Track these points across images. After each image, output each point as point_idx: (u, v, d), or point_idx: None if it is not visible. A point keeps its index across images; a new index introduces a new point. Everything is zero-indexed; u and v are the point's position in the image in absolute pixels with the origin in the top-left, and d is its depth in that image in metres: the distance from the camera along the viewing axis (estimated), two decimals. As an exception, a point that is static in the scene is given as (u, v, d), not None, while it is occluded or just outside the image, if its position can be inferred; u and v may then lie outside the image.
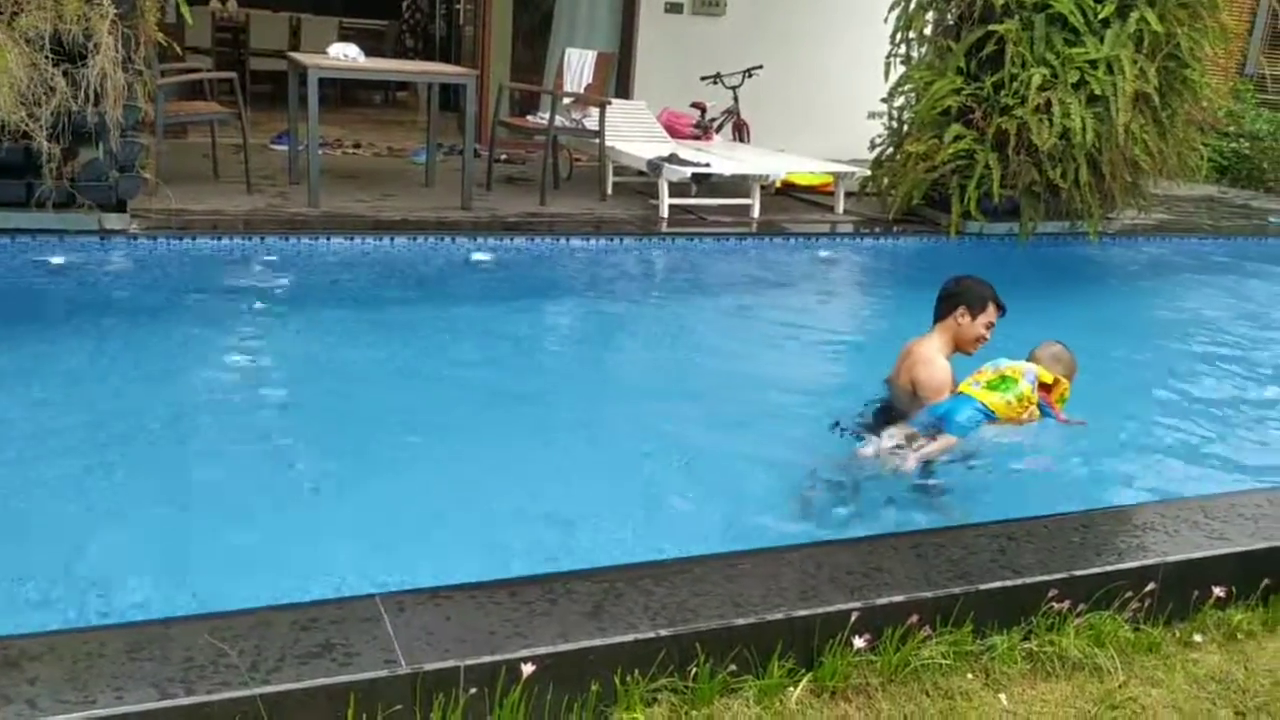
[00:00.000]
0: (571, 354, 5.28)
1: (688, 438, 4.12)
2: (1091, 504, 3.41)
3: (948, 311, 4.09)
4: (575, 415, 4.28)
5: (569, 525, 3.26)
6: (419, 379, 4.51)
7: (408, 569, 2.80)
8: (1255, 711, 2.60)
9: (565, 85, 8.13)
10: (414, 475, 3.55)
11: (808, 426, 4.40)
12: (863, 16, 8.41)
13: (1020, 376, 3.92)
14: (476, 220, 6.77)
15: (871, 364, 5.78)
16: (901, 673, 2.51)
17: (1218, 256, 8.40)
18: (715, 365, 5.15)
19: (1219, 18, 7.29)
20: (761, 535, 3.15)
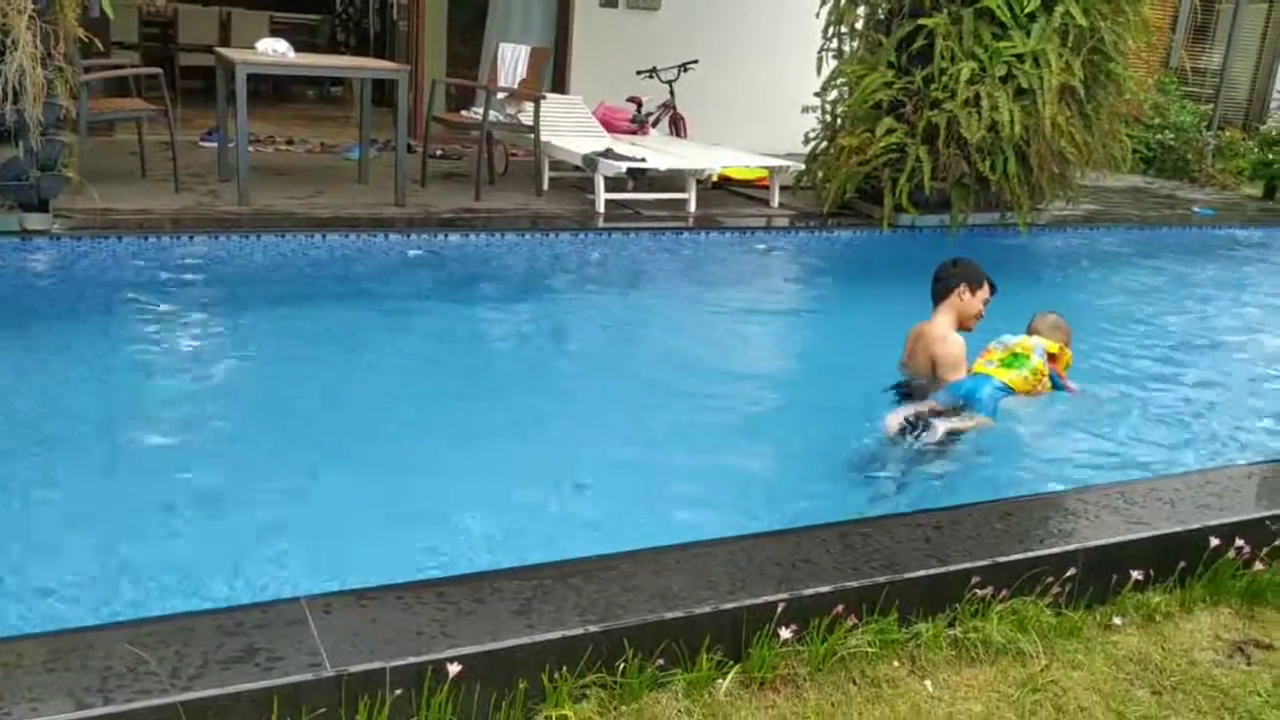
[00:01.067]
0: (508, 351, 5.25)
1: (626, 431, 4.14)
2: (1019, 490, 3.49)
3: (948, 291, 4.35)
4: (511, 412, 4.27)
5: (504, 522, 3.26)
6: (350, 378, 4.47)
7: (338, 570, 2.78)
8: (1171, 690, 2.67)
9: (499, 80, 8.10)
10: (345, 475, 3.52)
11: (743, 415, 4.45)
12: (796, 11, 8.47)
13: (1030, 352, 4.19)
14: (410, 217, 6.71)
15: (808, 353, 5.88)
16: (829, 662, 2.54)
17: (1144, 246, 8.59)
18: (652, 359, 5.18)
19: (1141, 12, 7.46)
20: (717, 526, 3.15)
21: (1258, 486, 3.44)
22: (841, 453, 4.02)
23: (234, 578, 2.77)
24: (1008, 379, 4.09)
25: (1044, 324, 4.47)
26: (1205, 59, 14.31)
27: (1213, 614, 3.03)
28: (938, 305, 4.41)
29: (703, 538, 2.82)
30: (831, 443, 4.35)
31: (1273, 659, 2.85)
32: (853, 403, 4.80)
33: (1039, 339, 4.30)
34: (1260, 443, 4.47)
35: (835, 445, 4.29)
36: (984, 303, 4.35)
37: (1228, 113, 14.33)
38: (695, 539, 2.79)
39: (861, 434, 4.08)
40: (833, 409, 4.80)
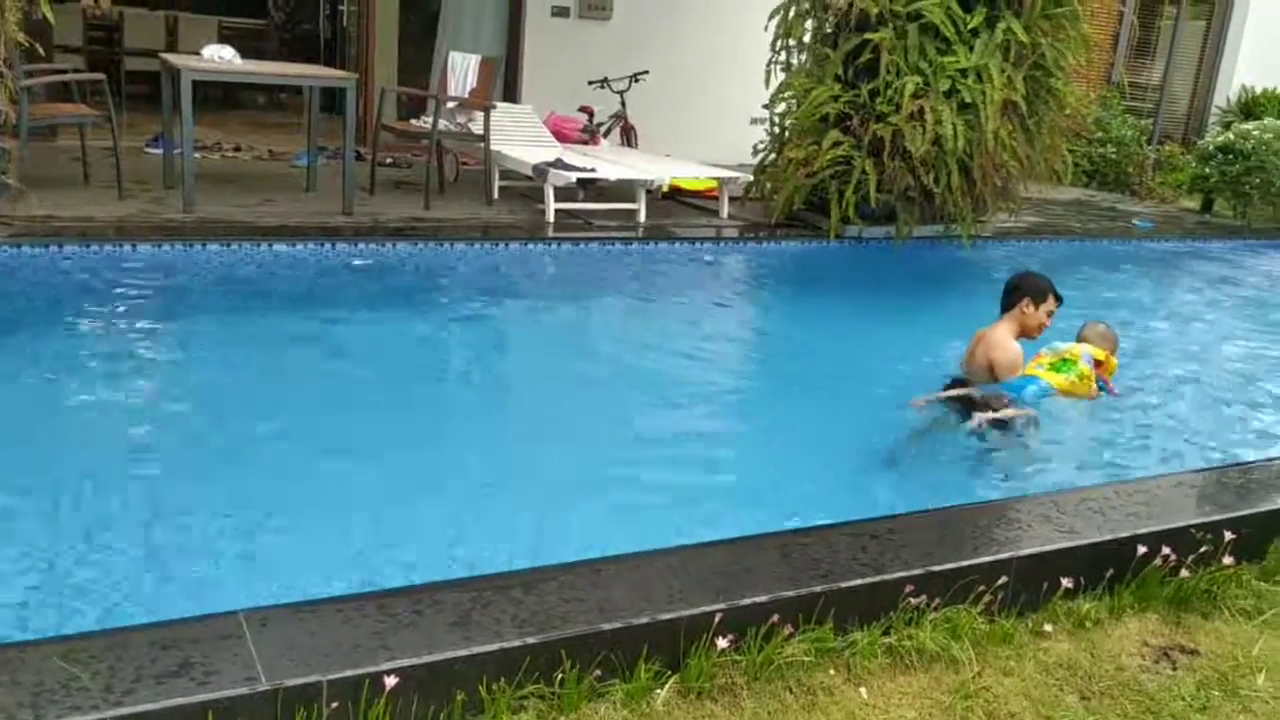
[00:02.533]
0: (455, 360, 5.26)
1: (572, 439, 4.16)
2: (962, 498, 3.56)
3: (1014, 302, 4.72)
4: (457, 421, 4.28)
5: (452, 533, 3.26)
6: (295, 388, 4.45)
7: (278, 583, 2.78)
8: (1099, 695, 2.74)
9: (450, 89, 8.09)
10: (286, 485, 3.50)
11: (692, 424, 4.49)
12: (747, 23, 8.54)
13: (1078, 358, 4.60)
14: (358, 225, 6.69)
15: (758, 363, 5.94)
16: (766, 671, 2.58)
17: (1085, 257, 8.76)
18: (600, 368, 5.20)
19: (1081, 29, 7.60)
20: (667, 534, 3.17)
21: (1184, 495, 3.53)
22: (795, 456, 4.09)
23: (169, 591, 2.74)
24: (1054, 381, 4.50)
25: (1093, 333, 4.86)
26: (1146, 75, 14.62)
27: (1141, 620, 3.11)
28: (1003, 314, 4.78)
29: (646, 548, 2.85)
30: (780, 448, 4.42)
31: (1197, 664, 2.93)
32: (799, 410, 4.88)
33: (1087, 346, 4.69)
34: (1186, 450, 4.57)
35: (783, 451, 4.37)
36: (1048, 314, 4.70)
37: (1168, 127, 14.66)
38: (636, 550, 2.82)
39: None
40: (778, 417, 4.86)
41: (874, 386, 5.20)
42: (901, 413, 4.48)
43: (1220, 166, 10.75)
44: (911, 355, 5.74)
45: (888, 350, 5.82)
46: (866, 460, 4.23)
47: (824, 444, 4.41)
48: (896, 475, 4.08)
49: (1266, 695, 2.81)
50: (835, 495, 3.82)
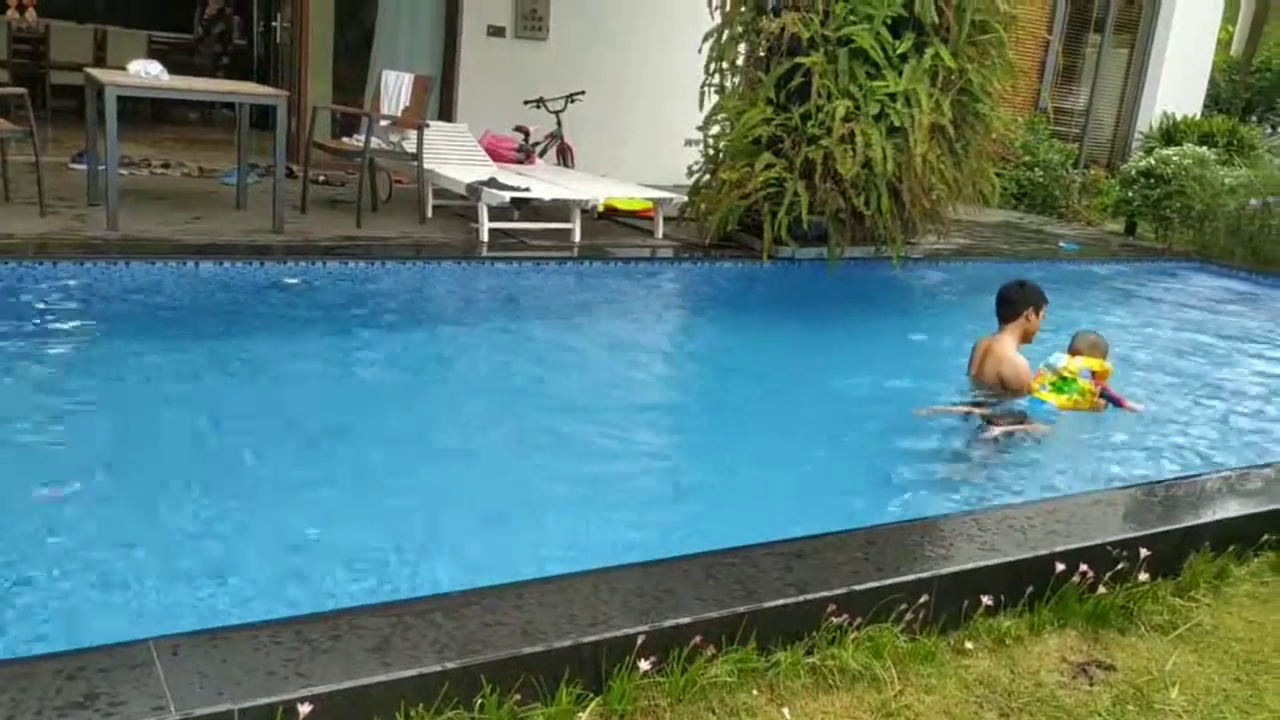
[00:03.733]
0: (383, 381, 5.19)
1: (500, 462, 4.14)
2: (878, 515, 3.60)
3: (1018, 312, 5.01)
4: (384, 443, 4.23)
5: (371, 560, 3.22)
6: (220, 410, 4.38)
7: (194, 611, 2.72)
8: (1018, 712, 2.78)
9: (383, 107, 8.05)
10: (206, 510, 3.44)
11: (622, 445, 4.49)
12: (682, 45, 8.60)
13: (1076, 375, 4.84)
14: (289, 244, 6.61)
15: (690, 383, 5.96)
16: (689, 692, 2.58)
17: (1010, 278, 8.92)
18: (532, 388, 5.18)
19: (1006, 55, 7.78)
20: (604, 556, 3.17)
21: (1102, 513, 3.60)
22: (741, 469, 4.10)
23: (77, 622, 2.67)
24: (1057, 401, 4.80)
25: (1084, 344, 5.11)
26: (1072, 100, 14.99)
27: (1060, 636, 3.16)
28: (1005, 325, 5.06)
29: (571, 570, 2.84)
30: (709, 468, 4.44)
31: (1113, 679, 2.99)
32: (729, 430, 4.91)
33: (1082, 360, 4.91)
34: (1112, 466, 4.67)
35: (712, 470, 4.39)
36: (1041, 320, 5.06)
37: (1094, 152, 15.03)
38: (561, 572, 2.81)
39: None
40: (708, 436, 4.89)
41: (805, 406, 5.26)
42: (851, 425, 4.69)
43: (1142, 191, 11.05)
44: (843, 374, 5.82)
45: (820, 369, 5.88)
46: (795, 478, 4.26)
47: (754, 462, 4.44)
48: (825, 492, 4.11)
49: (1179, 709, 2.87)
50: (763, 514, 3.84)
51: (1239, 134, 13.06)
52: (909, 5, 7.08)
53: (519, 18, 10.32)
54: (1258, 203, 10.15)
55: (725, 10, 7.99)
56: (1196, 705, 2.89)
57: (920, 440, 4.79)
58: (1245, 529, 3.73)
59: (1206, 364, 6.66)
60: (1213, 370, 6.54)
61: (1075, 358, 4.96)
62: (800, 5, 7.37)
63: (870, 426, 5.00)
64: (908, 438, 4.85)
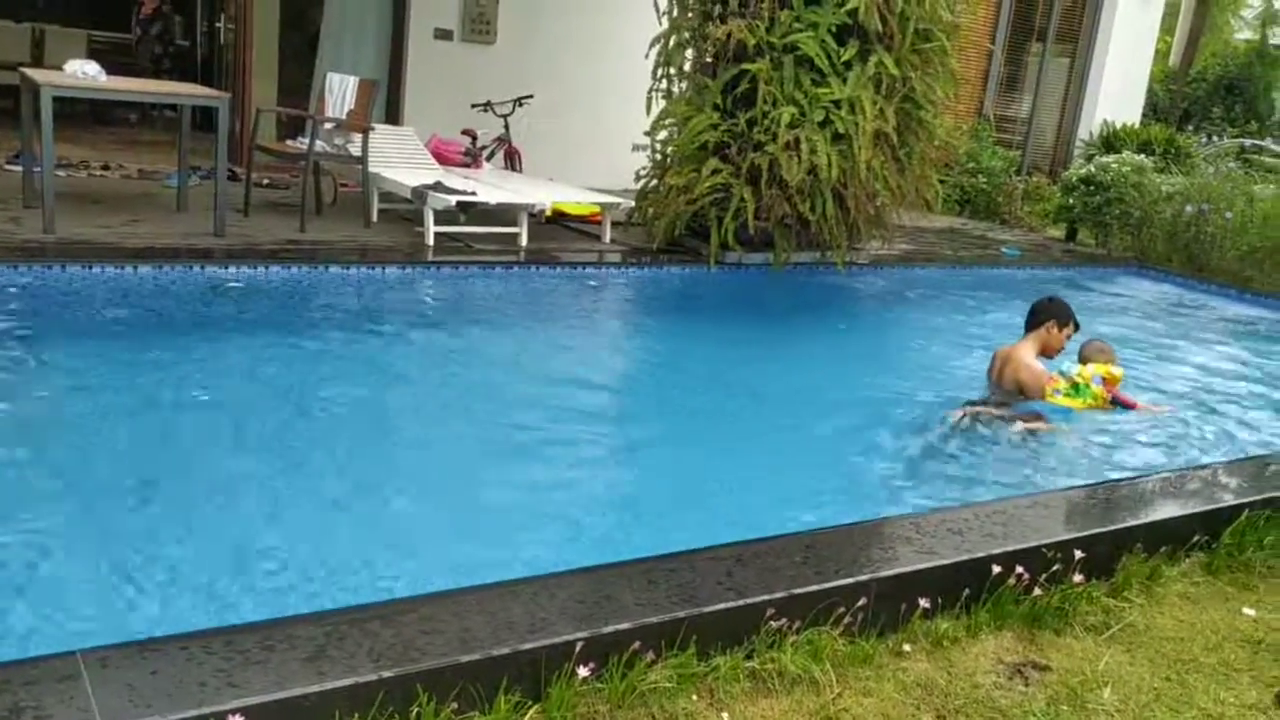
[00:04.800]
0: (325, 387, 5.14)
1: (448, 469, 4.12)
2: (817, 520, 3.62)
3: (1040, 323, 5.32)
4: (327, 450, 4.19)
5: (306, 568, 3.18)
6: (156, 417, 4.30)
7: (125, 620, 2.68)
8: (954, 714, 2.81)
9: (327, 110, 7.97)
10: (139, 519, 3.38)
11: (569, 450, 4.48)
12: (629, 49, 8.62)
13: (1089, 380, 5.13)
14: (230, 248, 6.52)
15: (637, 387, 5.96)
16: (628, 698, 2.58)
17: (954, 284, 9.05)
18: (476, 394, 5.16)
19: (949, 64, 7.87)
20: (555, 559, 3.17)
21: (1039, 516, 3.65)
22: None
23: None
24: (1072, 405, 5.10)
25: (1093, 351, 5.43)
26: (1015, 108, 15.22)
27: (996, 638, 3.20)
28: (1027, 333, 5.37)
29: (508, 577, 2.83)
30: (656, 472, 4.45)
31: (1048, 679, 3.03)
32: (678, 434, 4.92)
33: (1094, 367, 5.21)
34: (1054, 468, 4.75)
35: (657, 475, 4.40)
36: (1066, 338, 5.34)
37: (1036, 159, 15.27)
38: (500, 579, 2.79)
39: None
40: (655, 440, 4.89)
41: (751, 410, 5.28)
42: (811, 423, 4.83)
43: (1082, 197, 11.24)
44: (787, 378, 5.86)
45: (764, 374, 5.91)
46: (743, 482, 4.28)
47: (697, 466, 4.46)
48: (765, 495, 4.13)
49: (1111, 708, 2.92)
50: (708, 516, 3.86)
51: (1176, 142, 13.35)
52: (853, 13, 7.14)
53: (466, 21, 10.29)
54: (1193, 209, 10.37)
55: (672, 16, 8.02)
56: (1128, 704, 2.94)
57: (868, 439, 4.88)
58: (1177, 530, 3.80)
59: (1144, 365, 6.78)
60: (1148, 371, 6.66)
61: (1087, 365, 5.24)
62: (747, 12, 7.41)
63: (820, 426, 5.06)
64: (855, 437, 4.93)
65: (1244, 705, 3.01)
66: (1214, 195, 10.36)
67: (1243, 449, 5.18)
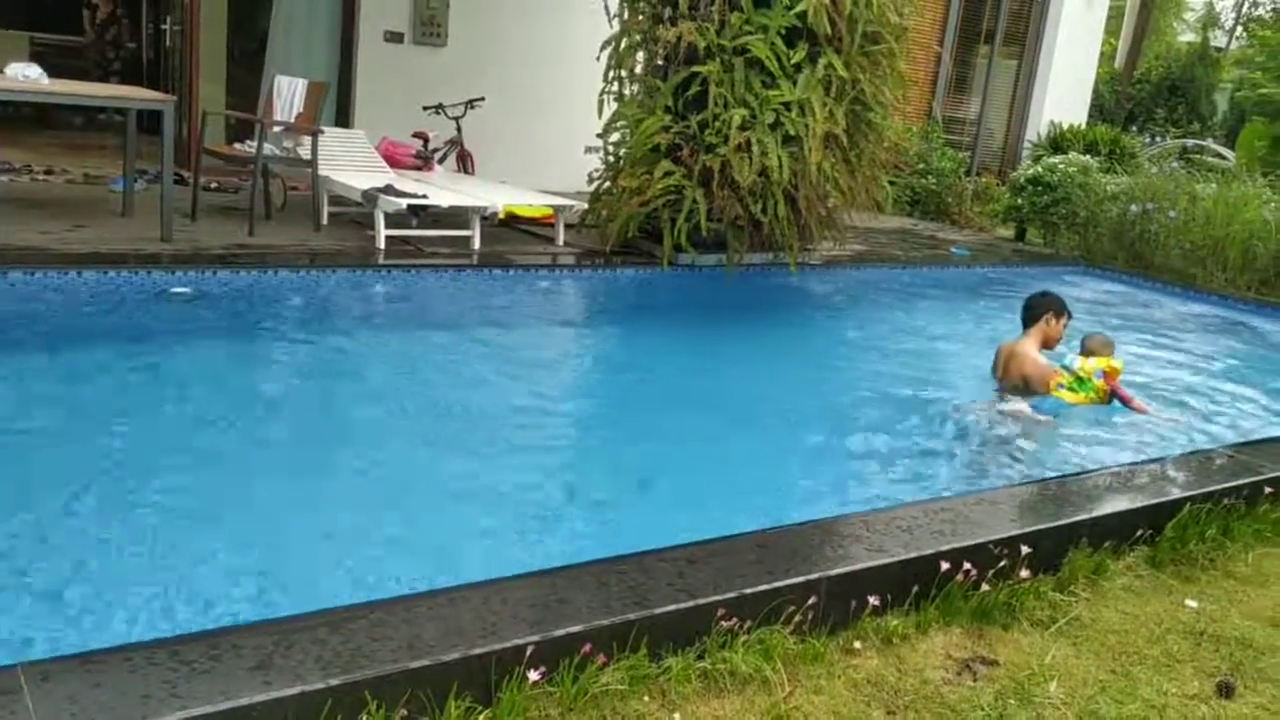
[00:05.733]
0: (275, 393, 5.10)
1: (396, 473, 4.09)
2: (777, 517, 3.64)
3: (1039, 316, 5.55)
4: (275, 457, 4.15)
5: (250, 577, 3.15)
6: (102, 426, 4.23)
7: (66, 636, 2.64)
8: (903, 710, 2.84)
9: (275, 113, 7.89)
10: (82, 527, 3.33)
11: (522, 452, 4.47)
12: (581, 51, 8.62)
13: (1091, 375, 5.28)
14: (177, 253, 6.43)
15: (590, 389, 5.97)
16: (580, 701, 2.58)
17: (905, 283, 9.14)
18: (428, 398, 5.13)
19: (898, 66, 7.95)
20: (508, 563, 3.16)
21: (985, 512, 3.70)
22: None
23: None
24: (1073, 399, 5.28)
25: (1096, 344, 5.55)
26: (964, 110, 15.40)
27: (945, 634, 3.24)
28: (1027, 328, 5.58)
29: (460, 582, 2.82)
30: (608, 474, 4.46)
31: (996, 674, 3.07)
32: (637, 436, 4.93)
33: (1095, 360, 5.33)
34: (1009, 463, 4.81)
35: (611, 476, 4.41)
36: (1063, 328, 5.59)
37: (985, 160, 15.46)
38: (449, 584, 2.78)
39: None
40: (617, 441, 4.90)
41: (705, 411, 5.30)
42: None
43: (1030, 197, 11.40)
44: (741, 377, 5.89)
45: (718, 374, 5.94)
46: (695, 482, 4.29)
47: (655, 468, 4.47)
48: (723, 494, 4.15)
49: (1058, 701, 2.96)
50: (663, 517, 3.87)
51: (1121, 143, 13.56)
52: (802, 16, 7.18)
53: (417, 23, 10.23)
54: (1138, 209, 10.55)
55: (623, 19, 8.02)
56: (1074, 697, 2.99)
57: (829, 438, 4.93)
58: (1121, 525, 3.87)
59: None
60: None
61: (1089, 359, 5.38)
62: (697, 15, 7.44)
63: (774, 425, 5.09)
64: (812, 435, 4.96)
65: (1186, 695, 3.07)
66: (1158, 195, 10.54)
67: (1193, 442, 5.27)
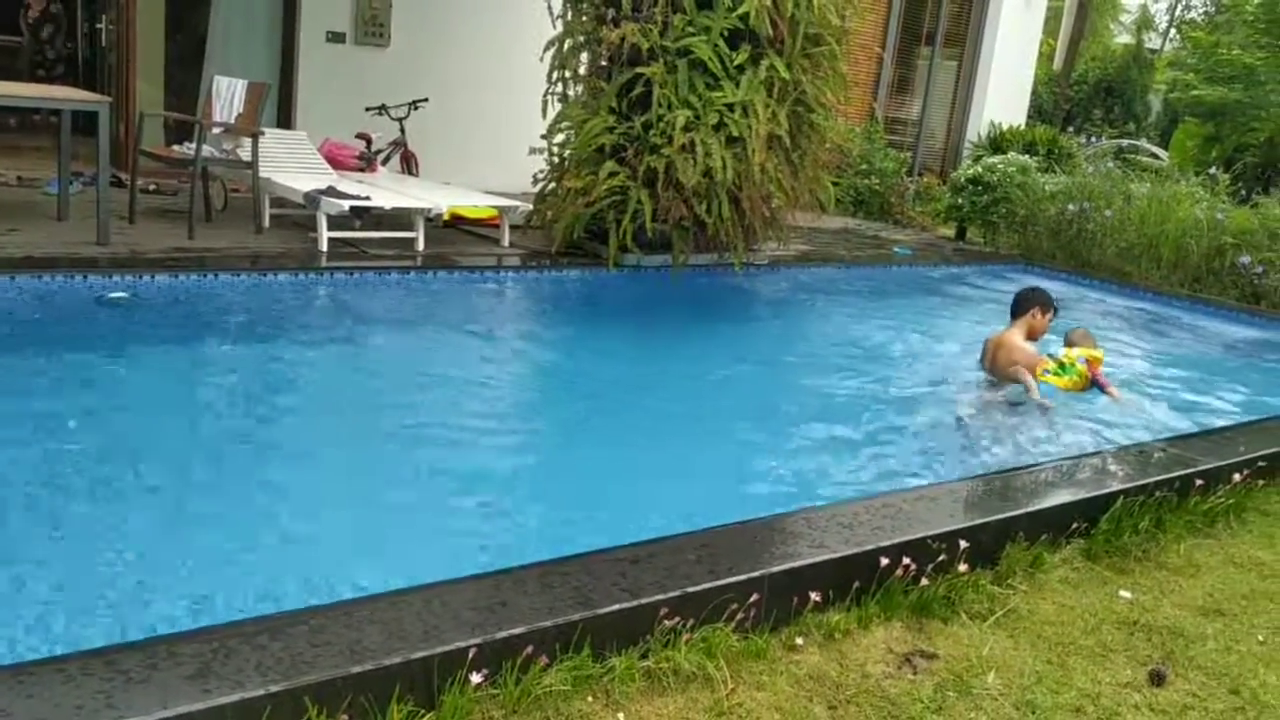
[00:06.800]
0: (215, 397, 5.03)
1: (341, 478, 4.06)
2: (722, 516, 3.67)
3: (1026, 309, 5.88)
4: (214, 462, 4.11)
5: (189, 586, 3.12)
6: (30, 433, 4.16)
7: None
8: (845, 704, 2.88)
9: (215, 114, 7.79)
10: (15, 536, 3.27)
11: (471, 456, 4.46)
12: (525, 52, 8.61)
13: (1074, 361, 5.70)
14: (115, 256, 6.33)
15: (537, 390, 5.96)
16: (524, 703, 2.58)
17: (849, 283, 9.24)
18: (371, 401, 5.10)
19: (839, 68, 8.03)
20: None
21: (925, 508, 3.75)
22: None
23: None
24: (1059, 384, 5.67)
25: (1078, 336, 5.97)
26: (906, 111, 15.58)
27: (886, 628, 3.28)
28: (1015, 320, 5.91)
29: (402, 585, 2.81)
30: (556, 475, 4.46)
31: (936, 667, 3.12)
32: (582, 437, 4.94)
33: (1079, 349, 5.77)
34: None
35: (558, 477, 4.41)
36: (1049, 321, 5.92)
37: (927, 160, 15.66)
38: (391, 589, 2.77)
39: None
40: (562, 443, 4.91)
41: (652, 411, 5.32)
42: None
43: (971, 197, 11.56)
44: (686, 377, 5.92)
45: (664, 373, 5.97)
46: (639, 480, 4.31)
47: (596, 468, 4.48)
48: (666, 494, 4.17)
49: (995, 692, 3.02)
50: (607, 518, 3.88)
51: (1059, 143, 13.79)
52: (744, 18, 7.23)
53: (359, 23, 10.15)
54: (1075, 208, 10.74)
55: (566, 19, 8.03)
56: (1011, 687, 3.04)
57: (775, 436, 4.96)
58: (1057, 518, 3.95)
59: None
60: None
61: (1073, 349, 5.80)
62: (640, 16, 7.46)
63: (720, 423, 5.12)
64: (758, 433, 5.01)
65: (1120, 684, 3.14)
66: (1094, 194, 10.74)
67: (1128, 435, 5.38)
